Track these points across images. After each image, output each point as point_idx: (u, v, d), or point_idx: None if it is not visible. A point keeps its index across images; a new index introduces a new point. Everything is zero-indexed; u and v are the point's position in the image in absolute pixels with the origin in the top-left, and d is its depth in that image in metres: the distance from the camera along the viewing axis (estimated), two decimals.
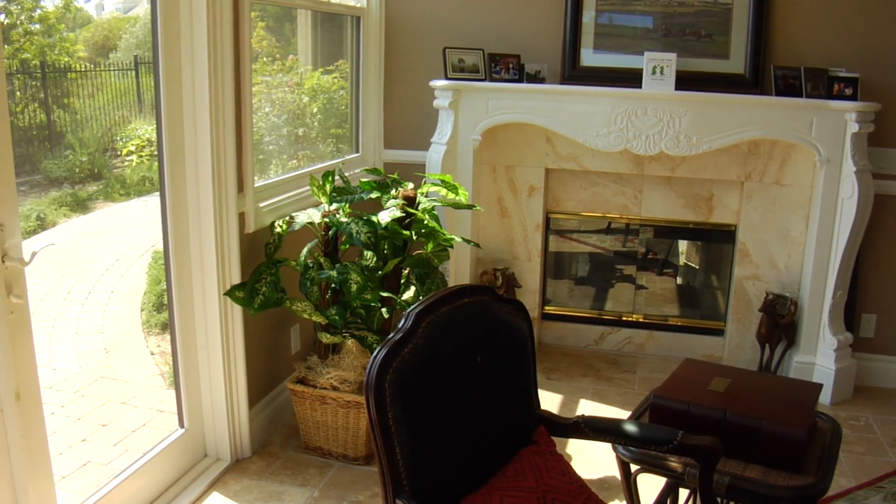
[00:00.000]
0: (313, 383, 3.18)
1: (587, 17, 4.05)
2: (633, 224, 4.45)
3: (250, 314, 3.00)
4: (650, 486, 2.59)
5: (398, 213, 3.11)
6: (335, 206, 3.18)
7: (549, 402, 3.82)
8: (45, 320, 3.91)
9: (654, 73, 3.80)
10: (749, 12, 3.89)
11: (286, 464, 3.21)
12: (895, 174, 3.90)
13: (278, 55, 3.92)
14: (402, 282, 3.34)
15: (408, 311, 1.81)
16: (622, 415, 3.51)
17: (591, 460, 3.25)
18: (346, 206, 3.18)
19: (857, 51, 3.83)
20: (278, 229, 3.19)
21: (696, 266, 4.64)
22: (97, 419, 3.35)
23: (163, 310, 3.98)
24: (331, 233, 3.18)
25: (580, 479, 1.95)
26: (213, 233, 2.91)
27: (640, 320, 4.54)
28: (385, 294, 3.12)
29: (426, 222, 3.20)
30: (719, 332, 4.41)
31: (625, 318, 4.56)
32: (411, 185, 3.35)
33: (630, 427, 1.99)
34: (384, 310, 3.20)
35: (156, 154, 2.88)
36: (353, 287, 2.96)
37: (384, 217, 3.08)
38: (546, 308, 4.62)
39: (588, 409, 3.79)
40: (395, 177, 3.43)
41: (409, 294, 3.31)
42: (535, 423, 2.05)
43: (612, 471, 3.10)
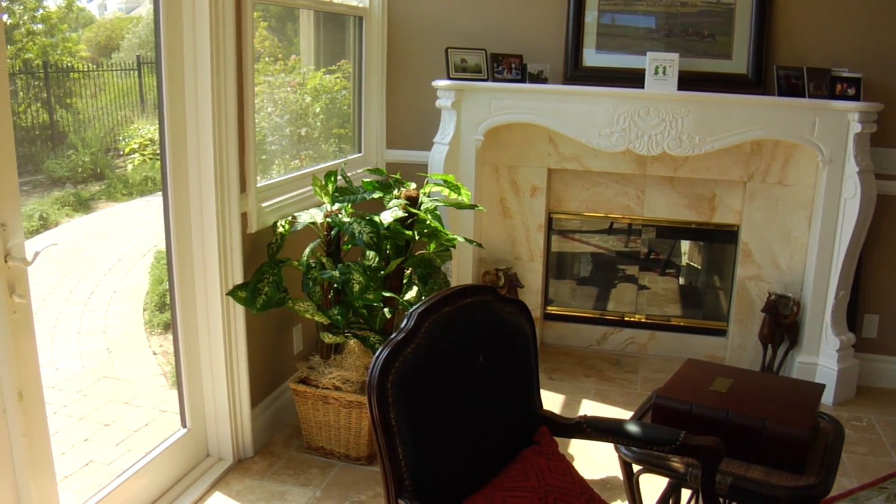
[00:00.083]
0: (315, 383, 3.18)
1: (590, 17, 4.05)
2: (636, 224, 4.45)
3: (253, 314, 3.00)
4: (652, 486, 2.59)
5: (400, 213, 3.11)
6: (337, 206, 3.18)
7: (551, 402, 3.82)
8: (48, 320, 3.91)
9: (656, 73, 3.80)
10: (752, 12, 3.88)
11: (288, 464, 3.22)
12: None
13: (281, 55, 3.92)
14: (405, 282, 3.34)
15: (410, 311, 1.81)
16: (624, 415, 3.51)
17: (593, 461, 3.25)
18: (349, 206, 3.18)
19: (859, 51, 3.82)
20: (281, 229, 3.19)
21: (699, 266, 4.64)
22: (99, 419, 3.35)
23: (165, 309, 3.98)
24: (333, 233, 3.18)
25: (582, 479, 1.95)
26: (216, 233, 2.91)
27: (643, 320, 4.54)
28: (387, 294, 3.12)
29: (428, 222, 3.20)
30: (722, 333, 4.40)
31: (627, 319, 4.56)
32: (414, 185, 3.34)
33: (632, 427, 1.99)
34: (386, 310, 3.21)
35: (158, 154, 2.89)
36: (356, 287, 2.96)
37: (386, 217, 3.08)
38: (548, 308, 4.62)
39: (590, 409, 3.79)
40: (397, 177, 3.43)
41: (411, 294, 3.31)
42: (538, 424, 2.05)
43: (615, 471, 3.10)
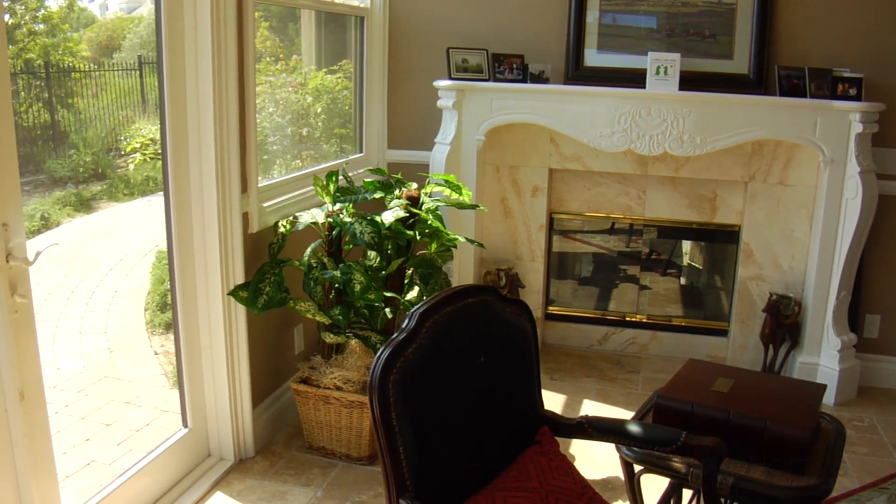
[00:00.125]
0: (317, 383, 3.18)
1: (591, 18, 4.05)
2: (637, 224, 4.45)
3: (254, 314, 3.00)
4: (654, 486, 2.59)
5: (402, 213, 3.11)
6: (339, 206, 3.18)
7: (552, 402, 3.82)
8: (49, 320, 3.91)
9: (657, 73, 3.80)
10: (753, 12, 3.88)
11: (289, 464, 3.22)
12: None
13: (282, 55, 3.92)
14: (406, 282, 3.34)
15: (411, 311, 1.81)
16: (626, 415, 3.51)
17: (594, 461, 3.25)
18: (350, 206, 3.18)
19: (861, 51, 3.82)
20: (282, 229, 3.19)
21: (700, 266, 4.64)
22: (101, 419, 3.35)
23: (166, 309, 3.98)
24: (334, 233, 3.18)
25: (584, 479, 1.95)
26: (217, 233, 2.91)
27: (644, 321, 4.53)
28: (388, 294, 3.12)
29: (430, 222, 3.20)
30: (723, 333, 4.40)
31: (628, 319, 4.56)
32: (415, 186, 3.34)
33: (634, 427, 1.99)
34: (388, 310, 3.21)
35: (160, 154, 2.89)
36: (357, 287, 2.96)
37: (388, 217, 3.08)
38: (549, 308, 4.62)
39: (591, 409, 3.79)
40: (398, 177, 3.43)
41: (412, 294, 3.31)
42: (539, 424, 2.05)
43: (616, 471, 3.10)
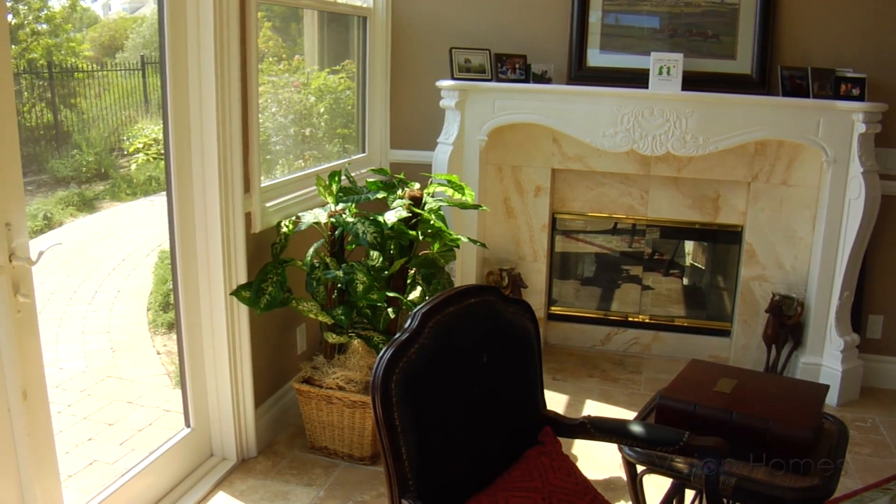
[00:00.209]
0: (319, 383, 3.18)
1: (594, 18, 4.05)
2: (640, 225, 4.45)
3: (256, 314, 3.00)
4: (656, 487, 2.59)
5: (404, 214, 3.11)
6: (341, 206, 3.19)
7: (554, 402, 3.82)
8: (52, 319, 3.92)
9: (660, 73, 3.80)
10: (756, 13, 3.88)
11: (292, 463, 3.22)
12: None
13: (285, 55, 3.93)
14: (409, 282, 3.34)
15: (414, 311, 1.81)
16: (628, 415, 3.51)
17: (597, 461, 3.25)
18: (353, 206, 3.18)
19: (864, 51, 3.81)
20: (284, 229, 3.19)
21: (703, 267, 4.63)
22: (103, 418, 3.36)
23: (169, 309, 3.99)
24: (337, 233, 3.18)
25: (586, 479, 1.95)
26: (220, 232, 2.92)
27: (647, 321, 4.53)
28: (391, 294, 3.12)
29: (432, 222, 3.20)
30: (725, 333, 4.40)
31: (631, 319, 4.55)
32: (417, 186, 3.35)
33: (636, 428, 1.99)
34: (390, 310, 3.20)
35: (162, 154, 2.89)
36: (360, 287, 2.96)
37: (390, 217, 3.08)
38: (552, 308, 4.61)
39: (594, 409, 3.79)
40: (401, 177, 3.43)
41: (415, 294, 3.31)
42: (541, 424, 2.04)
43: (618, 471, 3.10)
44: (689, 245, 4.59)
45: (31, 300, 2.12)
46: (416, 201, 3.23)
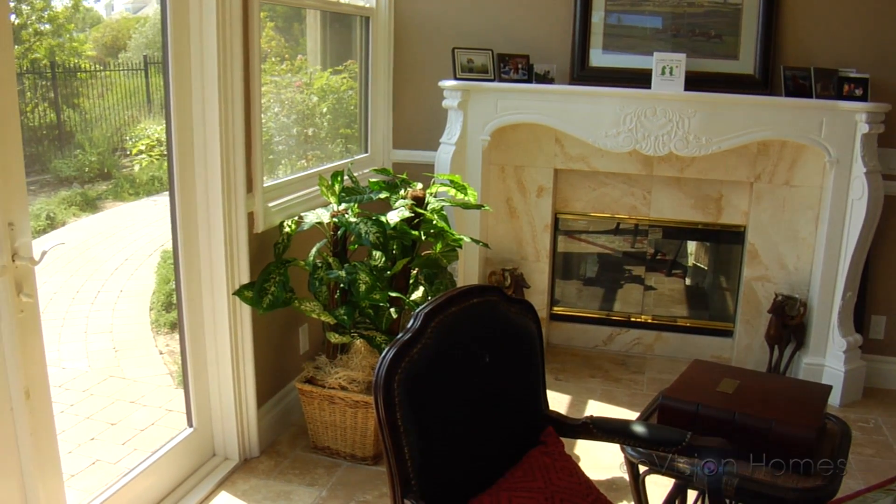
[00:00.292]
0: (322, 383, 3.18)
1: (596, 18, 4.04)
2: (642, 225, 4.44)
3: (259, 314, 3.00)
4: (659, 487, 2.59)
5: (407, 214, 3.11)
6: (344, 206, 3.19)
7: (557, 402, 3.82)
8: (55, 319, 3.92)
9: (663, 73, 3.80)
10: (759, 13, 3.87)
11: (294, 463, 3.22)
12: None
13: (287, 55, 3.93)
14: (411, 282, 3.34)
15: (416, 311, 1.81)
16: (630, 416, 3.50)
17: (599, 461, 3.24)
18: (355, 206, 3.18)
19: (867, 51, 3.81)
20: (287, 229, 3.19)
21: (705, 267, 4.63)
22: (106, 418, 3.36)
23: (171, 309, 3.99)
24: (340, 233, 3.18)
25: (588, 479, 1.95)
26: (223, 232, 2.92)
27: (649, 321, 4.53)
28: (394, 294, 3.12)
29: (435, 222, 3.20)
30: (728, 334, 4.39)
31: (633, 319, 4.55)
32: (420, 186, 3.35)
33: (638, 428, 1.99)
34: (393, 310, 3.20)
35: (165, 154, 2.89)
36: (362, 287, 2.96)
37: (393, 217, 3.08)
38: (554, 308, 4.61)
39: (596, 409, 3.79)
40: (403, 177, 3.43)
41: (417, 294, 3.31)
42: (544, 424, 2.04)
43: (621, 472, 3.09)
44: (691, 245, 4.59)
45: (34, 300, 2.12)
46: (419, 201, 3.23)
